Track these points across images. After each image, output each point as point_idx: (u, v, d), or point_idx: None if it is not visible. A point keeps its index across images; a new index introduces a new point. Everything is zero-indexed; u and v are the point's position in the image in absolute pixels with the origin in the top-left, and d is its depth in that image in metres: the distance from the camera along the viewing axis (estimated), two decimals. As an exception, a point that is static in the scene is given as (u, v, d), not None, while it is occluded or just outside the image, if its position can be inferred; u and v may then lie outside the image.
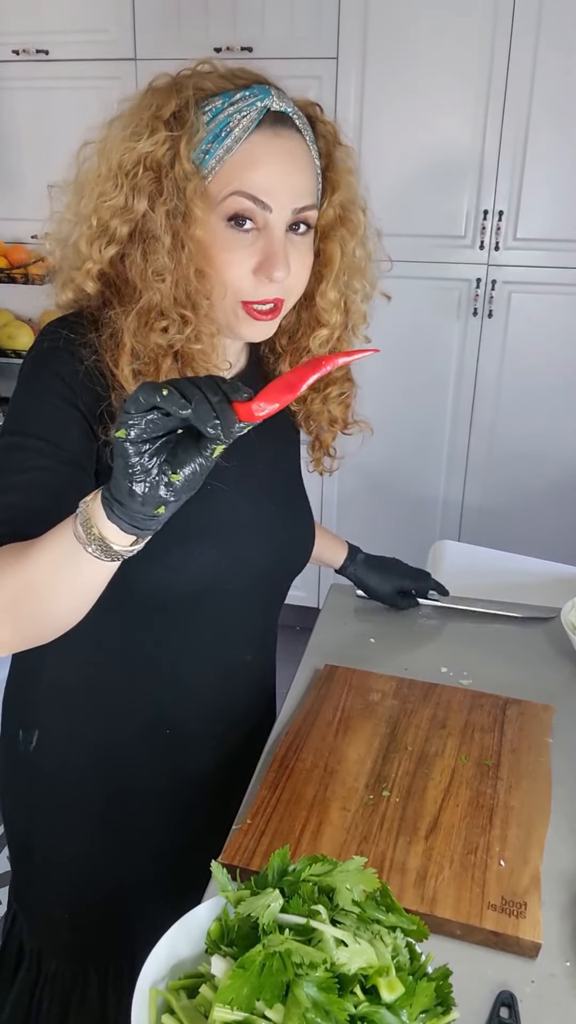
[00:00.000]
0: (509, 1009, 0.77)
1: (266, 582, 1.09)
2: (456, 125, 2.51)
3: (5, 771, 1.18)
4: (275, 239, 0.89)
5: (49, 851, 1.16)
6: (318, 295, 1.01)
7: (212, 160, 0.87)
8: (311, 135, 0.93)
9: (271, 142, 0.88)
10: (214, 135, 0.87)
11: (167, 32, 2.62)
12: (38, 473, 0.87)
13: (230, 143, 0.87)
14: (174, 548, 0.97)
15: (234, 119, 0.87)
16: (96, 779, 1.11)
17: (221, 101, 0.88)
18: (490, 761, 1.06)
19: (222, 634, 1.08)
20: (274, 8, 2.53)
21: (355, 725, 1.12)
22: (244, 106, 0.87)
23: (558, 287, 2.59)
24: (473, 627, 1.41)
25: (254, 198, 0.87)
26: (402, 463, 2.88)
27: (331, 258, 0.99)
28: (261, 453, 1.07)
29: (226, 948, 0.70)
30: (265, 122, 0.88)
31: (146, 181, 0.86)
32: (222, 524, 1.02)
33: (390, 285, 1.09)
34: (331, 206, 0.97)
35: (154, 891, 1.13)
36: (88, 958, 1.19)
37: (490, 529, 2.88)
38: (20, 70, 2.78)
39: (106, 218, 0.87)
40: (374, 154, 2.59)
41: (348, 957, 0.66)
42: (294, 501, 1.14)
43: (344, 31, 2.50)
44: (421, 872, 0.89)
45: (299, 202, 0.90)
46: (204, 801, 1.07)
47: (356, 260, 1.02)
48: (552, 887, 0.90)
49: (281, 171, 0.88)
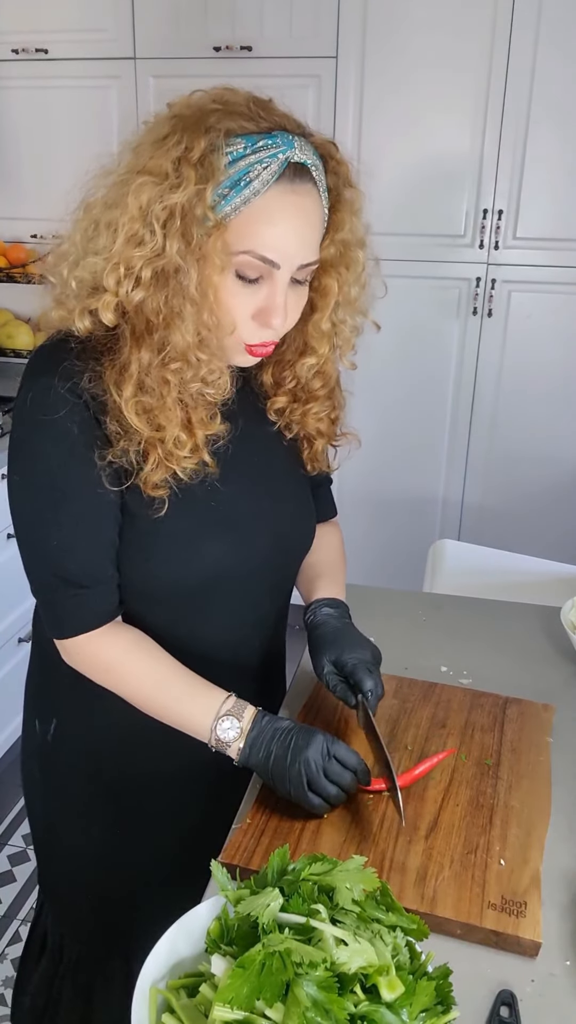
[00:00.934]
0: (509, 1008, 0.77)
1: (269, 570, 1.11)
2: (456, 124, 2.51)
3: (25, 761, 1.22)
4: (278, 292, 0.91)
5: (68, 838, 1.19)
6: (310, 324, 1.03)
7: (228, 207, 0.87)
8: (324, 181, 0.93)
9: (287, 200, 0.88)
10: (233, 182, 0.86)
11: (166, 31, 2.62)
12: (87, 525, 0.96)
13: (248, 195, 0.87)
14: (183, 547, 1.00)
15: (255, 169, 0.86)
16: (111, 768, 1.13)
17: (243, 146, 0.87)
18: (490, 760, 1.06)
19: (230, 620, 1.10)
20: (273, 7, 2.53)
21: (355, 726, 1.12)
22: (266, 157, 0.86)
23: (558, 286, 2.58)
24: (473, 626, 1.41)
25: (263, 258, 0.89)
26: (402, 462, 2.88)
27: (327, 292, 1.00)
28: (260, 455, 1.09)
29: (226, 947, 0.70)
30: (284, 176, 0.88)
31: (177, 229, 0.86)
32: (225, 521, 1.03)
33: (390, 284, 1.08)
34: (333, 244, 0.97)
35: (170, 876, 1.15)
36: (111, 944, 1.22)
37: (490, 528, 2.88)
38: (19, 69, 2.77)
39: (136, 264, 0.87)
40: (373, 153, 2.59)
41: (348, 956, 0.66)
42: (293, 493, 1.15)
43: (343, 30, 2.50)
44: (421, 871, 0.89)
45: (306, 259, 0.92)
46: (219, 786, 1.08)
47: (351, 297, 1.03)
48: (552, 886, 0.90)
49: (294, 232, 0.90)
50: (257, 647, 1.16)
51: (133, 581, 1.01)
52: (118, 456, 0.93)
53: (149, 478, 0.94)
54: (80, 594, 0.97)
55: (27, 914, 2.04)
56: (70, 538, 0.96)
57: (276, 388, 1.10)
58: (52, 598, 0.99)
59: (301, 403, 1.11)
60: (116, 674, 1.01)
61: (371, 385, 2.74)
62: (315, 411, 1.11)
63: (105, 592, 0.99)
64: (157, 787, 1.14)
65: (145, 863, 1.18)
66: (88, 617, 0.98)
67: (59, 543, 0.96)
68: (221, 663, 1.08)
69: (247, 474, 1.06)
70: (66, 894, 1.23)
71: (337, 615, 1.14)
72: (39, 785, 1.20)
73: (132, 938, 1.20)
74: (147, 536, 0.98)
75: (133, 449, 0.93)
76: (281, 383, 1.09)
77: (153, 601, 1.03)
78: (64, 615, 0.99)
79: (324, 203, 0.94)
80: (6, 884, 2.13)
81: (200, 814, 1.15)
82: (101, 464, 0.93)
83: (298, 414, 1.11)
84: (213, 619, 1.08)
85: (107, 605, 0.99)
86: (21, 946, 1.94)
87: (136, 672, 1.01)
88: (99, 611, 0.99)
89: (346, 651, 1.07)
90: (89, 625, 0.99)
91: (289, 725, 0.97)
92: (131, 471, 0.94)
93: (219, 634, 1.09)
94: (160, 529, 0.98)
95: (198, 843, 1.03)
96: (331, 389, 1.12)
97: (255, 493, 1.08)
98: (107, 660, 1.01)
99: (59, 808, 1.18)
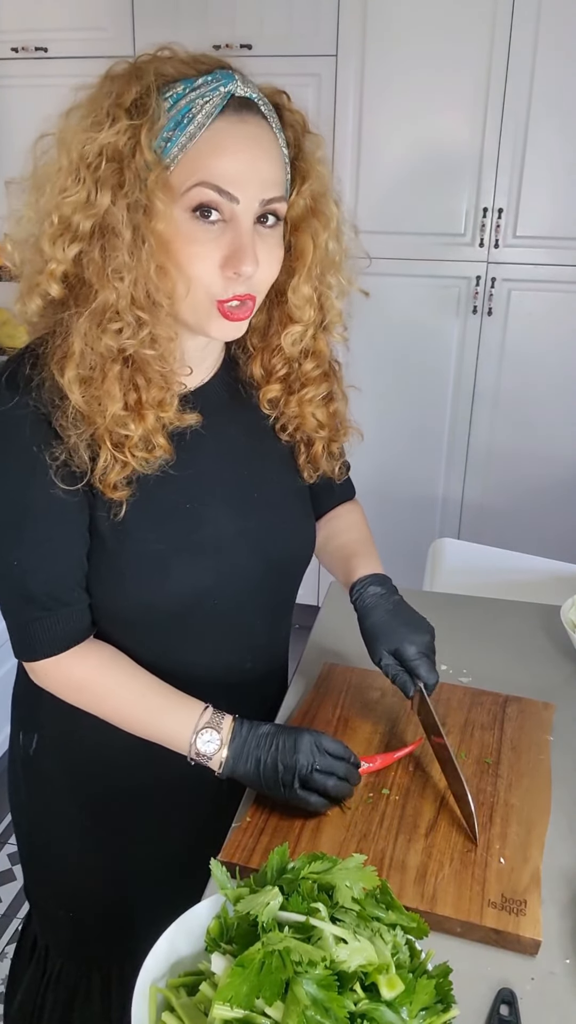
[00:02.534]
0: (509, 1006, 0.77)
1: (258, 591, 1.07)
2: (456, 122, 2.51)
3: (10, 773, 1.20)
4: (243, 232, 0.85)
5: (51, 851, 1.17)
6: (290, 290, 0.96)
7: (174, 148, 0.83)
8: (278, 123, 0.89)
9: (236, 128, 0.84)
10: (175, 122, 0.83)
11: (166, 30, 2.61)
12: (51, 544, 0.93)
13: (193, 130, 0.82)
14: (153, 569, 0.97)
15: (196, 104, 0.82)
16: (94, 782, 1.11)
17: (183, 87, 0.83)
18: (490, 759, 1.06)
19: (216, 645, 1.06)
20: (273, 5, 2.53)
21: (354, 723, 1.12)
22: (207, 91, 0.83)
23: (558, 284, 2.58)
24: (473, 624, 1.41)
25: (219, 188, 0.83)
26: (401, 461, 2.88)
27: (303, 251, 0.95)
28: (245, 469, 1.05)
29: (226, 946, 0.70)
30: (229, 108, 0.83)
31: (108, 173, 0.81)
32: (204, 543, 0.99)
33: (390, 283, 1.08)
34: (301, 196, 0.92)
35: (155, 893, 1.13)
36: (91, 958, 1.20)
37: (490, 527, 2.88)
38: (19, 68, 2.77)
39: (68, 214, 0.82)
40: (373, 151, 2.59)
41: (348, 954, 0.66)
42: (286, 509, 1.09)
43: (343, 28, 2.50)
44: (421, 870, 0.89)
45: (267, 193, 0.86)
46: (204, 800, 1.07)
47: (330, 254, 0.97)
48: (552, 885, 0.90)
49: (247, 159, 0.84)
50: (250, 670, 1.11)
51: (105, 604, 0.98)
52: (70, 453, 0.88)
53: (106, 477, 0.89)
54: (45, 616, 0.94)
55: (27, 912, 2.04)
56: (33, 558, 0.92)
57: (268, 377, 1.04)
58: (17, 620, 0.95)
59: (295, 391, 1.05)
60: (89, 693, 0.98)
61: (371, 383, 2.74)
62: (310, 397, 1.05)
63: (73, 614, 0.95)
64: (140, 803, 1.11)
65: (126, 883, 1.16)
66: (56, 640, 0.95)
67: (20, 563, 0.92)
68: (208, 684, 1.04)
69: (232, 491, 1.02)
70: (47, 906, 1.21)
71: (386, 594, 1.09)
72: (22, 796, 1.17)
73: (112, 956, 1.18)
74: (115, 557, 0.95)
75: (83, 443, 0.88)
76: (272, 371, 1.04)
77: (128, 624, 1.00)
78: (30, 638, 0.95)
79: (281, 142, 0.89)
80: (6, 883, 2.13)
81: (186, 832, 1.13)
82: (52, 464, 0.88)
83: (293, 403, 1.05)
84: (198, 644, 1.04)
85: (75, 627, 0.96)
86: (21, 945, 1.94)
87: (110, 690, 0.98)
88: (66, 634, 0.95)
89: (405, 640, 1.03)
90: (57, 648, 0.96)
91: (270, 729, 0.95)
92: (85, 472, 0.89)
93: (205, 660, 1.06)
94: (128, 549, 0.94)
95: (182, 863, 1.01)
96: (325, 371, 1.06)
97: (242, 511, 1.03)
98: (79, 679, 0.98)
99: (41, 820, 1.16)
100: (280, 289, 0.97)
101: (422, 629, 1.06)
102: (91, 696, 0.99)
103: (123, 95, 0.82)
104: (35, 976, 1.24)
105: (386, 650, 1.04)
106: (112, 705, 0.99)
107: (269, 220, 0.88)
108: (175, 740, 0.96)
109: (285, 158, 0.90)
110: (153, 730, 0.98)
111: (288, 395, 1.05)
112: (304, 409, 1.05)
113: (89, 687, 0.99)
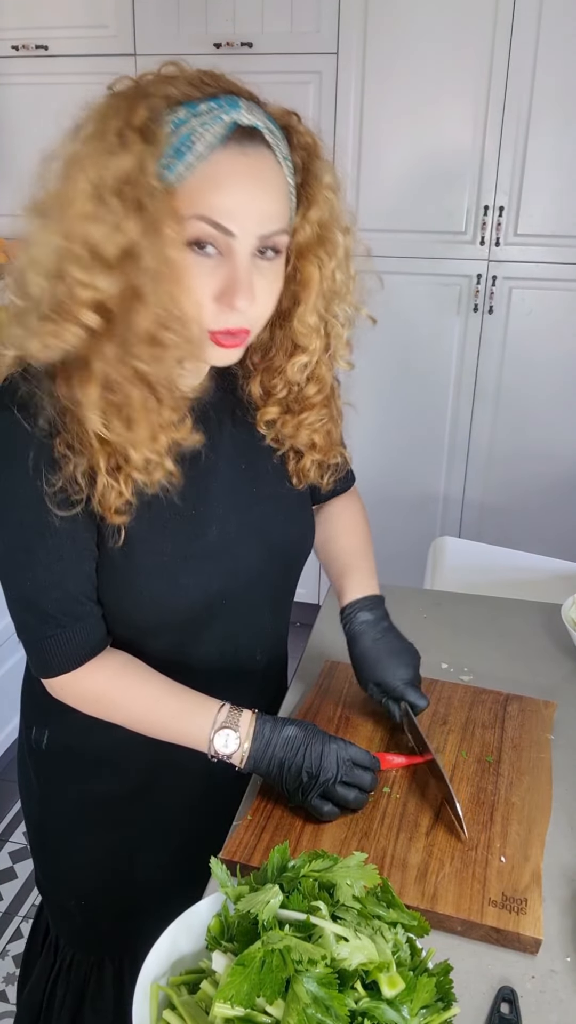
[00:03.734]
0: (510, 1005, 0.77)
1: (263, 582, 1.08)
2: (457, 120, 2.51)
3: (20, 765, 1.22)
4: (239, 266, 0.83)
5: (60, 843, 1.18)
6: (295, 318, 0.94)
7: (171, 176, 0.80)
8: (284, 150, 0.85)
9: (236, 161, 0.81)
10: (175, 150, 0.80)
11: (167, 27, 2.61)
12: (62, 563, 0.92)
13: (191, 160, 0.80)
14: (162, 582, 0.97)
15: (197, 133, 0.79)
16: (102, 776, 1.12)
17: (185, 112, 0.80)
18: (491, 757, 1.06)
19: (230, 638, 1.07)
20: (274, 3, 2.52)
21: (356, 721, 1.12)
22: (209, 120, 0.80)
23: (559, 283, 2.58)
24: (474, 623, 1.41)
25: (215, 223, 0.81)
26: (402, 459, 2.88)
27: (309, 279, 0.92)
28: (242, 463, 1.04)
29: (227, 944, 0.70)
30: (231, 138, 0.80)
31: (131, 197, 0.78)
32: (210, 546, 1.00)
33: (391, 281, 1.06)
34: (307, 223, 0.90)
35: (163, 884, 1.14)
36: (102, 949, 1.22)
37: (491, 525, 2.88)
38: (20, 66, 2.77)
39: (97, 243, 0.78)
40: (375, 150, 2.58)
41: (349, 953, 0.66)
42: (283, 499, 1.09)
43: (344, 26, 2.50)
44: (422, 868, 0.89)
45: (266, 227, 0.83)
46: (212, 796, 1.08)
47: (336, 284, 0.94)
48: (553, 883, 0.90)
49: (246, 195, 0.81)
50: (259, 655, 1.14)
51: (117, 613, 0.99)
52: (68, 481, 0.87)
53: (106, 502, 0.89)
54: (60, 633, 0.94)
55: (28, 911, 2.05)
56: (45, 577, 0.92)
57: (266, 398, 1.02)
58: (33, 638, 0.96)
59: (294, 413, 1.03)
60: (107, 702, 0.99)
61: (372, 382, 2.74)
62: (310, 421, 1.03)
63: (87, 628, 0.96)
64: (149, 798, 1.13)
65: (136, 874, 1.17)
66: (72, 655, 0.96)
67: (33, 583, 0.92)
68: (222, 676, 1.07)
69: (231, 486, 1.02)
70: (58, 897, 1.22)
71: (374, 620, 1.11)
72: (33, 789, 1.18)
73: (123, 946, 1.19)
74: (123, 570, 0.95)
75: (80, 471, 0.87)
76: (271, 392, 1.02)
77: (141, 629, 1.01)
78: (47, 655, 0.96)
79: (286, 171, 0.85)
80: (7, 881, 2.14)
81: (193, 825, 1.15)
82: (49, 491, 0.87)
83: (291, 426, 1.03)
84: (210, 640, 1.05)
85: (90, 641, 0.96)
86: (22, 943, 1.95)
87: (127, 697, 0.99)
88: (82, 647, 0.96)
89: (388, 673, 1.07)
90: (74, 663, 0.96)
91: (295, 732, 0.95)
92: (82, 499, 0.88)
93: (218, 652, 1.07)
94: (135, 563, 0.95)
95: (191, 855, 1.02)
96: (326, 396, 1.04)
97: (242, 504, 1.03)
98: (95, 690, 0.99)
99: (51, 813, 1.17)
100: (286, 313, 0.95)
101: (407, 661, 1.09)
102: (108, 706, 1.00)
103: (133, 115, 0.79)
104: (45, 967, 1.26)
105: (371, 681, 1.08)
106: (128, 712, 1.00)
107: (268, 253, 0.86)
108: (194, 741, 0.97)
109: (291, 187, 0.87)
110: (171, 734, 0.99)
111: (286, 414, 1.03)
112: (300, 431, 1.04)
113: (105, 698, 0.99)
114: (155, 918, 0.80)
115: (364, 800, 0.96)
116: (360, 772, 0.95)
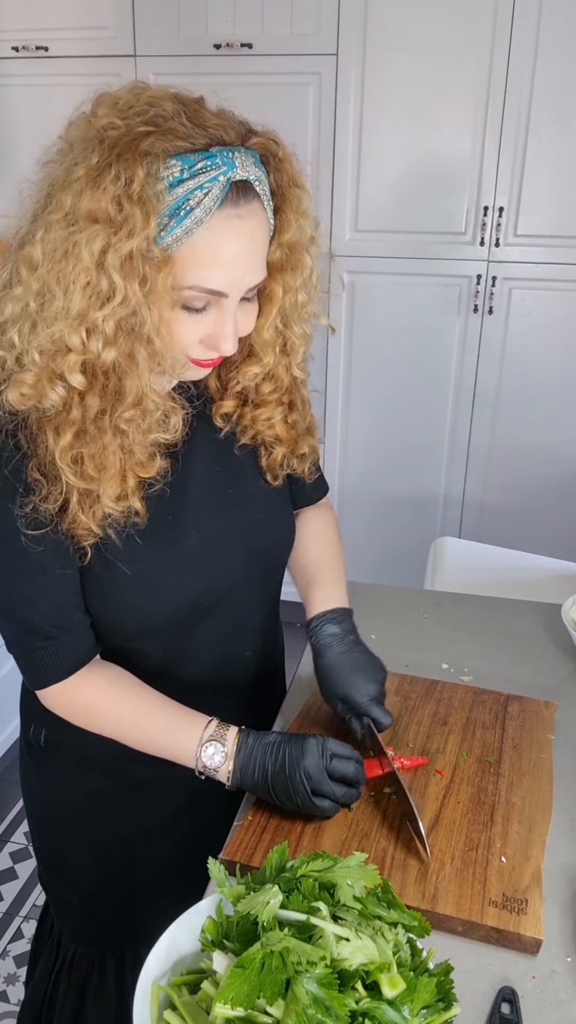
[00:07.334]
0: (510, 1005, 0.77)
1: (247, 582, 1.08)
2: (456, 121, 2.51)
3: (21, 762, 1.23)
4: (226, 320, 0.87)
5: (61, 838, 1.19)
6: (254, 331, 0.97)
7: (169, 238, 0.81)
8: (267, 189, 0.87)
9: (232, 225, 0.82)
10: (172, 211, 0.80)
11: (167, 29, 2.61)
12: (46, 576, 0.94)
13: (190, 224, 0.81)
14: (142, 591, 0.98)
15: (195, 196, 0.80)
16: (103, 775, 1.13)
17: (180, 168, 0.80)
18: (492, 758, 1.06)
19: (216, 640, 1.08)
20: (274, 4, 2.52)
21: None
22: (206, 181, 0.80)
23: (558, 283, 2.58)
24: (474, 623, 1.41)
25: (211, 291, 0.85)
26: (403, 459, 2.88)
27: (271, 296, 0.95)
28: (217, 465, 1.05)
29: (228, 943, 0.70)
30: (227, 198, 0.81)
31: (134, 274, 0.80)
32: (189, 551, 1.01)
33: (391, 281, 1.07)
34: (280, 246, 0.92)
35: (165, 881, 1.15)
36: (104, 943, 1.23)
37: (491, 525, 2.87)
38: (20, 67, 2.77)
39: (99, 320, 0.81)
40: (374, 150, 2.58)
41: (349, 953, 0.66)
42: (261, 498, 1.09)
43: (344, 27, 2.50)
44: (422, 868, 0.89)
45: (254, 281, 0.88)
46: (210, 793, 1.08)
47: (297, 303, 0.97)
48: (553, 883, 0.90)
49: (241, 263, 0.85)
50: (249, 656, 1.15)
51: (103, 620, 1.00)
52: (38, 506, 0.89)
53: (76, 528, 0.91)
54: (49, 645, 0.96)
55: (29, 911, 2.05)
56: (31, 591, 0.94)
57: (223, 392, 1.04)
58: (23, 651, 0.98)
59: (251, 407, 1.05)
60: (97, 714, 1.01)
61: (372, 383, 2.74)
62: (266, 416, 1.05)
63: (75, 638, 0.97)
64: (149, 795, 1.13)
65: (137, 868, 1.18)
66: (62, 665, 0.97)
67: (19, 597, 0.94)
68: (213, 678, 1.08)
69: (209, 488, 1.03)
70: (61, 891, 1.24)
71: (340, 634, 1.10)
72: (34, 786, 1.20)
73: (125, 940, 1.20)
74: (104, 580, 0.96)
75: (52, 499, 0.89)
76: (227, 385, 1.04)
77: (128, 635, 1.02)
78: (38, 667, 0.98)
79: (269, 214, 0.88)
80: (8, 881, 2.14)
81: (193, 820, 1.15)
82: (20, 513, 0.89)
83: (248, 419, 1.05)
84: (199, 643, 1.06)
85: (79, 650, 0.98)
86: (22, 943, 1.95)
87: (116, 709, 1.00)
88: (72, 657, 0.98)
89: (352, 688, 1.04)
90: (63, 673, 0.98)
91: (276, 738, 0.96)
92: (50, 520, 0.90)
93: (208, 654, 1.08)
94: (115, 574, 0.96)
95: (192, 849, 1.03)
96: (283, 393, 1.06)
97: (220, 506, 1.04)
98: (86, 702, 1.00)
99: (52, 810, 1.18)
100: None
101: (372, 676, 1.07)
102: (98, 718, 1.01)
103: (132, 182, 0.78)
104: (48, 962, 1.27)
105: (335, 695, 1.06)
106: (118, 725, 1.01)
107: (249, 294, 0.90)
108: (181, 756, 0.98)
109: (271, 227, 0.89)
110: (159, 748, 1.00)
111: (243, 407, 1.05)
112: (258, 424, 1.06)
113: (96, 709, 1.01)
114: (156, 912, 0.81)
115: (354, 796, 0.95)
116: (341, 762, 0.94)
